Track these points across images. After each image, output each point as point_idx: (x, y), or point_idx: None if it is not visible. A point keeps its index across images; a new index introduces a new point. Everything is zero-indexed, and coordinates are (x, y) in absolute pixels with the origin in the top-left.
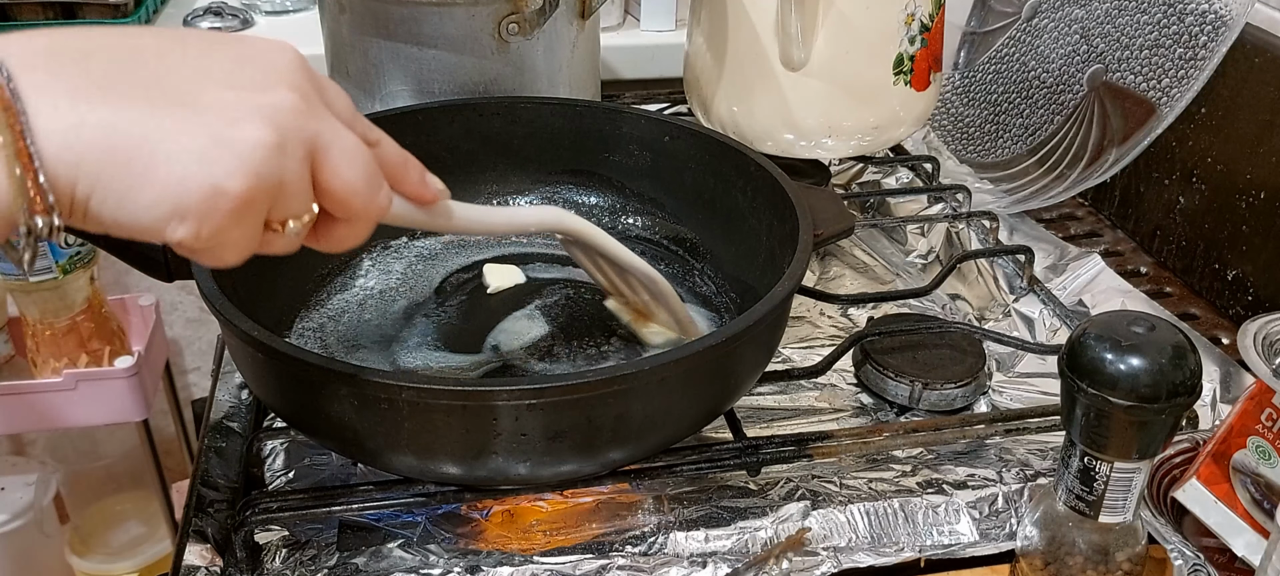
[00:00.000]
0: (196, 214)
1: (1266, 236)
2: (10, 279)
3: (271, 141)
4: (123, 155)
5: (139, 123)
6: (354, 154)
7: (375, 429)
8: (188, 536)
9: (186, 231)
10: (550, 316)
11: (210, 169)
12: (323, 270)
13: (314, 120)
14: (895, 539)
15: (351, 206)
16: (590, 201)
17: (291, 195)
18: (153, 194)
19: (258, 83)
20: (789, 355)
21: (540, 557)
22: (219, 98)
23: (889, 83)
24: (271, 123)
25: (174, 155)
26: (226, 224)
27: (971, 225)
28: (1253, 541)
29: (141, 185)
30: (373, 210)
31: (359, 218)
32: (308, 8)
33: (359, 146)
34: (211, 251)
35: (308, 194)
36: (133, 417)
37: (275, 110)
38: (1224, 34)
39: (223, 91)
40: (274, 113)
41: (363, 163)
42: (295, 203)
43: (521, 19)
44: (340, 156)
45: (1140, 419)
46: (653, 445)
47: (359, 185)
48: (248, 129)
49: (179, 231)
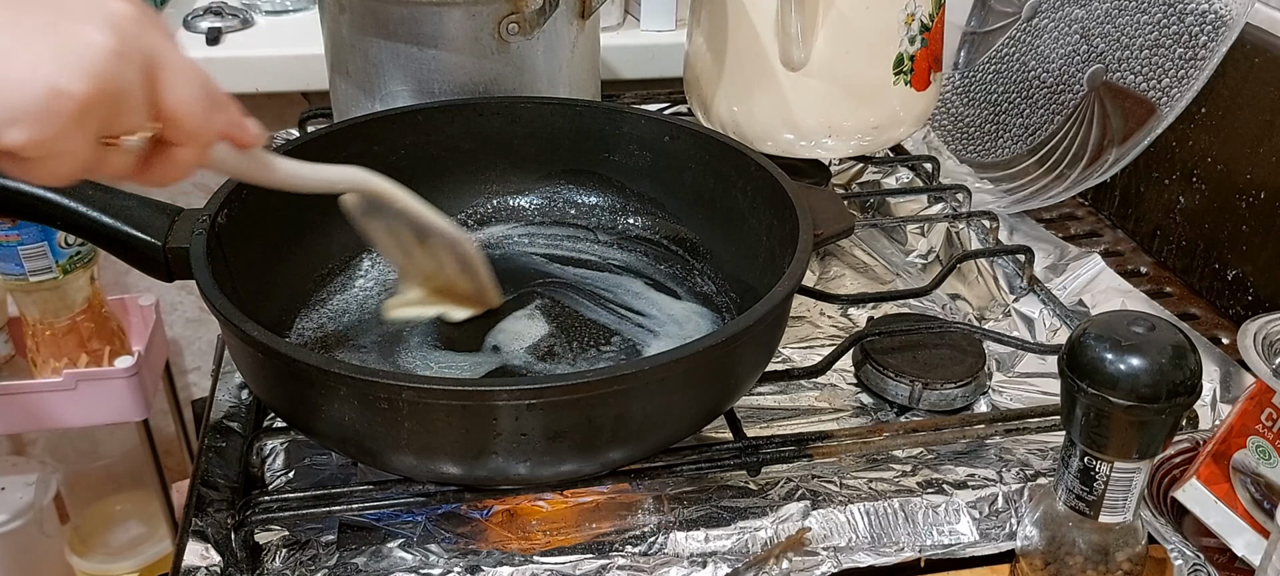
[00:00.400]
0: (33, 117)
1: (1266, 236)
2: (10, 279)
3: (113, 46)
4: None
5: None
6: (191, 74)
7: (375, 429)
8: (188, 536)
9: (21, 135)
10: (550, 316)
11: (52, 68)
12: (323, 270)
13: (152, 33)
14: (895, 539)
15: (187, 127)
16: (590, 201)
17: (129, 106)
18: None
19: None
20: (789, 355)
21: (540, 557)
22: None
23: (889, 83)
24: (113, 27)
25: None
26: (64, 130)
27: (971, 225)
28: (1253, 541)
29: None
30: (207, 134)
31: (192, 140)
32: (308, 8)
33: (195, 68)
34: (44, 162)
35: (144, 107)
36: (133, 417)
37: (114, 16)
38: (1224, 34)
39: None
40: (113, 18)
41: (200, 83)
42: (132, 115)
43: (521, 19)
44: (177, 72)
45: (1140, 419)
46: (653, 445)
47: (196, 105)
48: (89, 31)
49: (13, 135)
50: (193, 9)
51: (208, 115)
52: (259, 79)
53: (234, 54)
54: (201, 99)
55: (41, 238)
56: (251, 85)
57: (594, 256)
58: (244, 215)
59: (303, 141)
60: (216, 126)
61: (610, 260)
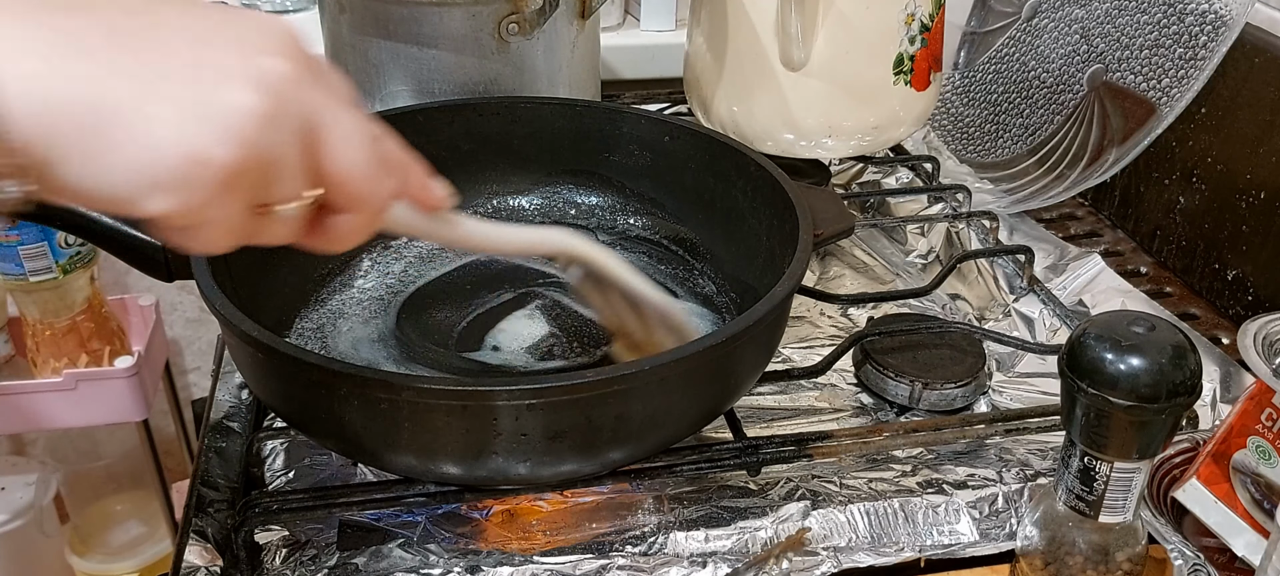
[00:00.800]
0: (174, 185)
1: (1266, 236)
2: (10, 279)
3: (263, 109)
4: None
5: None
6: (356, 136)
7: (375, 429)
8: (188, 536)
9: (164, 204)
10: (550, 316)
11: (191, 134)
12: (323, 270)
13: (313, 93)
14: (895, 539)
15: (352, 193)
16: (590, 201)
17: (283, 173)
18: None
19: (249, 46)
20: (789, 355)
21: (540, 557)
22: (205, 57)
23: (889, 83)
24: (263, 88)
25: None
26: (209, 199)
27: (971, 225)
28: (1253, 541)
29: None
30: (376, 200)
31: (360, 208)
32: (308, 8)
33: (362, 129)
34: (194, 231)
35: (302, 174)
36: (133, 417)
37: (268, 76)
38: (1224, 34)
39: (209, 51)
40: (266, 78)
41: (367, 146)
42: (288, 182)
43: (521, 19)
44: (342, 136)
45: (1140, 419)
46: (653, 445)
47: (362, 170)
48: (236, 93)
49: (156, 203)
50: None
51: (378, 180)
52: None
53: None
54: (367, 163)
55: (41, 238)
56: None
57: None
58: None
59: None
60: (388, 190)
61: None
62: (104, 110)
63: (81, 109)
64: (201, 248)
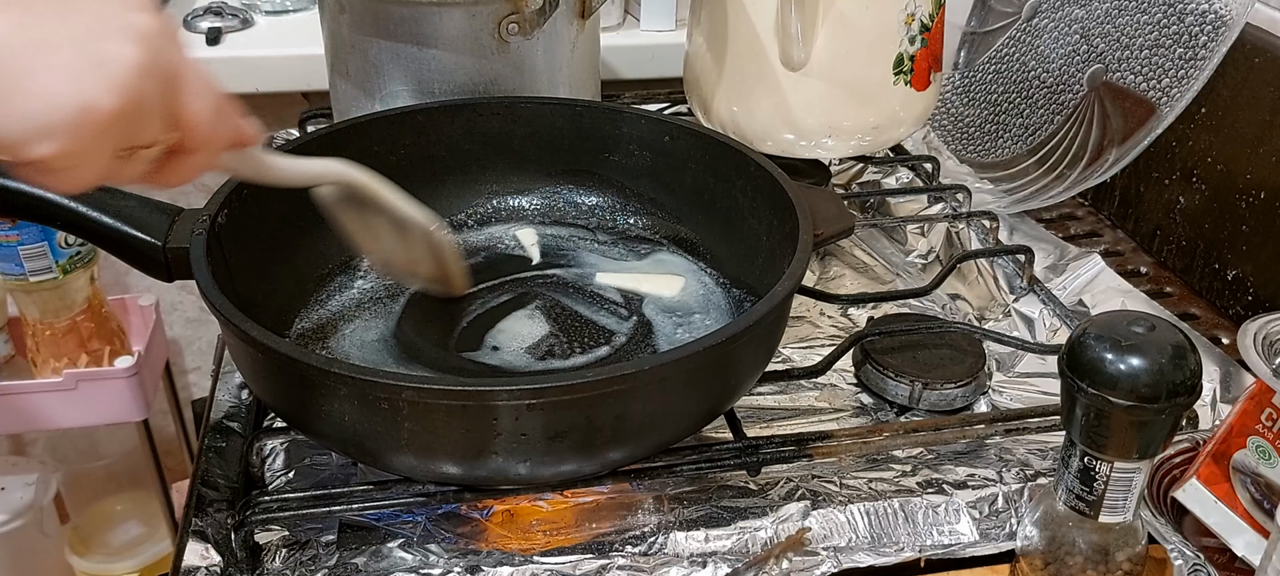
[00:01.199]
0: (63, 131)
1: (1266, 236)
2: (10, 279)
3: (141, 61)
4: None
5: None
6: (206, 85)
7: (375, 429)
8: (188, 536)
9: (50, 148)
10: (550, 316)
11: (83, 85)
12: (323, 270)
13: (174, 45)
14: (895, 539)
15: (202, 136)
16: (590, 201)
17: (152, 118)
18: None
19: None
20: (789, 355)
21: (540, 557)
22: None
23: (889, 83)
24: (140, 41)
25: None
26: (90, 143)
27: (971, 225)
28: (1253, 541)
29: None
30: (220, 139)
31: (206, 147)
32: (308, 8)
33: (209, 78)
34: (68, 172)
35: (164, 120)
36: (133, 417)
37: (141, 30)
38: (1224, 34)
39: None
40: (141, 32)
41: (214, 94)
42: (153, 127)
43: (521, 19)
44: (195, 85)
45: (1140, 419)
46: (653, 445)
47: (211, 115)
48: (119, 46)
49: (43, 148)
50: (193, 9)
51: (218, 122)
52: (259, 79)
53: (234, 54)
54: (215, 109)
55: (41, 238)
56: (251, 85)
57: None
58: (244, 215)
59: (303, 141)
60: (226, 133)
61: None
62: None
63: None
64: (68, 187)
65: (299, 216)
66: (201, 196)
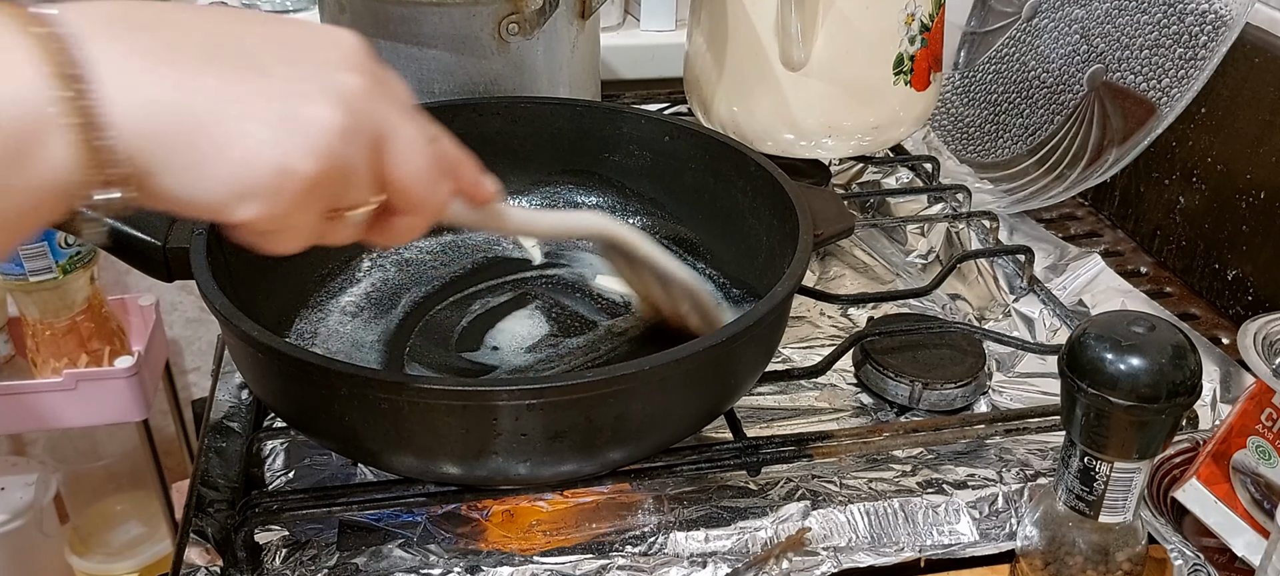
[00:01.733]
0: (263, 194)
1: (1266, 236)
2: (10, 279)
3: (341, 124)
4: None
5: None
6: (418, 144)
7: (375, 429)
8: (188, 536)
9: (252, 212)
10: (550, 316)
11: (281, 148)
12: (323, 270)
13: (381, 105)
14: (895, 539)
15: (413, 198)
16: (590, 201)
17: (356, 181)
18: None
19: (326, 61)
20: (789, 355)
21: (540, 557)
22: (288, 73)
23: (889, 83)
24: (341, 104)
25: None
26: (293, 207)
27: (971, 225)
28: (1253, 541)
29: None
30: (434, 203)
31: (419, 210)
32: (308, 8)
33: (422, 137)
34: (275, 235)
35: (371, 182)
36: (133, 417)
37: (344, 91)
38: (1224, 34)
39: (290, 67)
40: (343, 94)
41: (426, 154)
42: (359, 190)
43: (521, 19)
44: (405, 146)
45: (1140, 419)
46: (653, 445)
47: (422, 177)
48: (318, 108)
49: (245, 211)
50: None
51: (433, 187)
52: None
53: None
54: (427, 170)
55: (41, 238)
56: None
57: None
58: None
59: None
60: (444, 192)
61: None
62: (202, 124)
63: (181, 122)
64: (278, 249)
65: None
66: None
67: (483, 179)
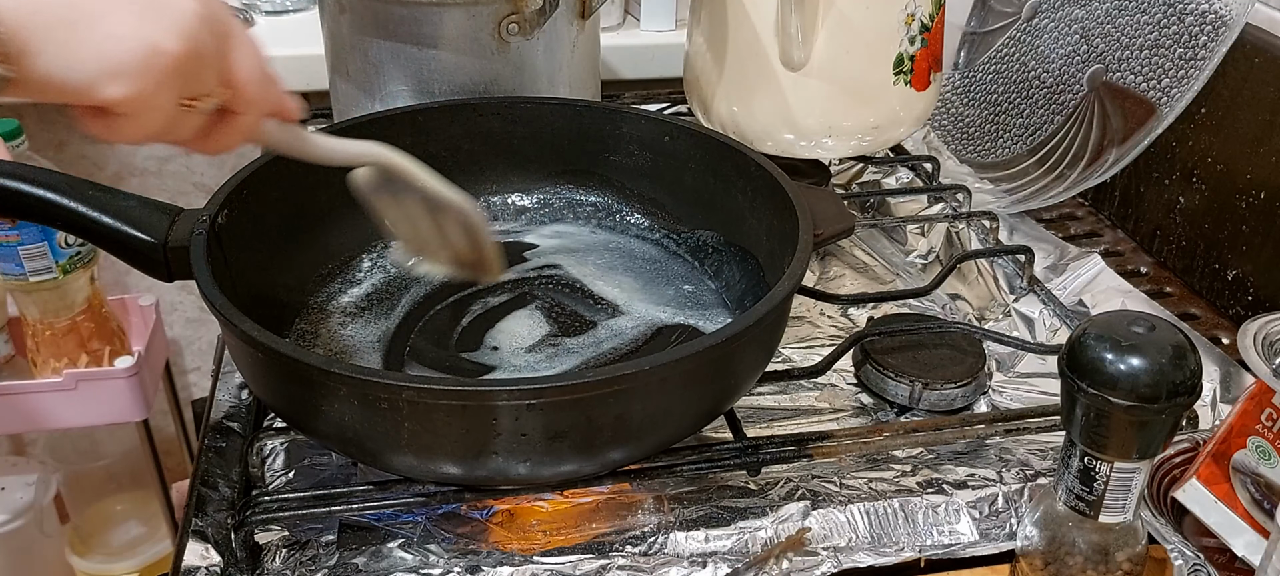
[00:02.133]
0: (133, 72)
1: (1266, 236)
2: (10, 279)
3: (200, 12)
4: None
5: None
6: (255, 48)
7: (375, 429)
8: (188, 536)
9: (120, 90)
10: (550, 316)
11: (149, 28)
12: (323, 270)
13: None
14: (895, 539)
15: (249, 95)
16: (590, 201)
17: (208, 68)
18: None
19: None
20: (789, 355)
21: (540, 557)
22: None
23: (889, 83)
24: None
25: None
26: (157, 86)
27: (971, 225)
28: (1253, 541)
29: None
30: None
31: (251, 108)
32: (308, 8)
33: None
34: (135, 117)
35: (218, 72)
36: (133, 417)
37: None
38: (1224, 34)
39: None
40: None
41: (261, 57)
42: (209, 78)
43: (521, 19)
44: (245, 44)
45: (1140, 419)
46: (653, 445)
47: (258, 76)
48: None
49: (113, 90)
50: None
51: (266, 86)
52: None
53: None
54: (264, 72)
55: (41, 238)
56: None
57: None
58: (244, 215)
59: None
60: (271, 98)
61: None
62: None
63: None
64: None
65: (299, 216)
66: (202, 196)
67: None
